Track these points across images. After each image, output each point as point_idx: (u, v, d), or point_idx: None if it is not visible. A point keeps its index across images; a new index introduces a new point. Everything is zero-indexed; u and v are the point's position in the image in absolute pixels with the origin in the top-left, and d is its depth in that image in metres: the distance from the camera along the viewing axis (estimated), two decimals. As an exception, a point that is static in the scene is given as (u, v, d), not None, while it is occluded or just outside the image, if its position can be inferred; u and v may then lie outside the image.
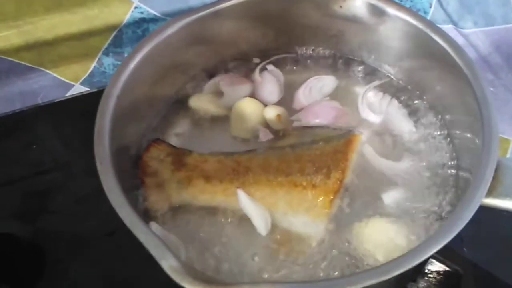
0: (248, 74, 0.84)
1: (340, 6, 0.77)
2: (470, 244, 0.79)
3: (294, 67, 0.86)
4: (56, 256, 0.82)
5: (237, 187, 0.68)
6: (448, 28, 1.06)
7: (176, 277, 0.52)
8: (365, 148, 0.74)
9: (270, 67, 0.84)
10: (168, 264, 0.53)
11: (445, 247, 0.54)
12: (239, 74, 0.84)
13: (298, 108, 0.80)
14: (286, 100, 0.81)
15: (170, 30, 0.74)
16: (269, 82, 0.82)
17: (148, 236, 0.55)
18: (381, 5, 0.74)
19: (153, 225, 0.66)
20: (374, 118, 0.78)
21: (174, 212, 0.70)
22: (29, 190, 0.89)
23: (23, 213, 0.87)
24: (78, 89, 1.06)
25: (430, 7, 1.05)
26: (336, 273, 0.65)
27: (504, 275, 0.78)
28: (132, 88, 0.71)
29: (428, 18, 1.06)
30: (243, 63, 0.85)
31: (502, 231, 0.82)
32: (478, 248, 0.80)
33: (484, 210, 0.59)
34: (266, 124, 0.78)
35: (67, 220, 0.85)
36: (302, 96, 0.81)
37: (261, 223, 0.67)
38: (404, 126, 0.77)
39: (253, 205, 0.67)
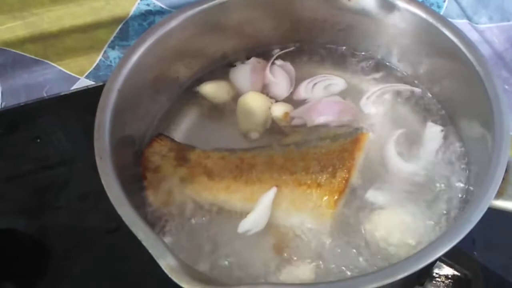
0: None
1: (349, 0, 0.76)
2: (482, 247, 0.77)
3: (301, 61, 0.84)
4: (60, 252, 0.81)
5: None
6: (462, 23, 1.04)
7: (174, 277, 0.51)
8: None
9: (279, 62, 0.83)
10: (167, 263, 0.52)
11: (455, 250, 0.53)
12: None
13: (295, 99, 0.80)
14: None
15: (174, 23, 0.73)
16: (280, 78, 0.81)
17: (147, 234, 0.54)
18: (391, -2, 0.73)
19: None
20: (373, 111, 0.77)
21: (175, 209, 0.69)
22: (33, 185, 0.89)
23: (27, 209, 0.86)
24: (84, 82, 1.05)
25: (444, 1, 1.03)
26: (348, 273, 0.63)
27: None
28: (135, 81, 0.70)
29: (442, 12, 1.04)
30: (249, 57, 0.84)
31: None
32: (490, 251, 0.78)
33: (496, 211, 0.57)
34: (272, 120, 0.77)
35: (72, 216, 0.84)
36: (304, 89, 0.80)
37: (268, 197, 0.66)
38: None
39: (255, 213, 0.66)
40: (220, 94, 0.80)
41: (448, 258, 0.71)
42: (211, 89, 0.80)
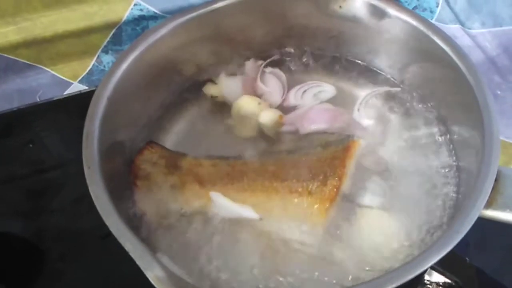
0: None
1: (340, 6, 0.76)
2: (476, 250, 0.77)
3: (293, 68, 0.84)
4: (55, 255, 0.81)
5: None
6: (455, 28, 1.04)
7: (162, 289, 0.51)
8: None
9: (269, 69, 0.82)
10: (154, 274, 0.52)
11: (448, 255, 0.53)
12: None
13: (285, 105, 0.79)
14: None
15: (165, 30, 0.73)
16: (272, 86, 0.80)
17: (135, 246, 0.54)
18: (382, 5, 0.73)
19: None
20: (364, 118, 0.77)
21: (166, 217, 0.69)
22: (26, 189, 0.89)
23: (21, 212, 0.86)
24: (77, 87, 1.05)
25: (437, 6, 1.03)
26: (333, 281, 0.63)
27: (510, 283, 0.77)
28: (125, 88, 0.69)
29: (435, 17, 1.04)
30: (242, 64, 0.83)
31: (509, 238, 0.80)
32: (483, 256, 0.78)
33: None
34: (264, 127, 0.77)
35: (66, 219, 0.84)
36: (293, 96, 0.80)
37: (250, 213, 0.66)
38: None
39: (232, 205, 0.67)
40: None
41: (440, 264, 0.71)
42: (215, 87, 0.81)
